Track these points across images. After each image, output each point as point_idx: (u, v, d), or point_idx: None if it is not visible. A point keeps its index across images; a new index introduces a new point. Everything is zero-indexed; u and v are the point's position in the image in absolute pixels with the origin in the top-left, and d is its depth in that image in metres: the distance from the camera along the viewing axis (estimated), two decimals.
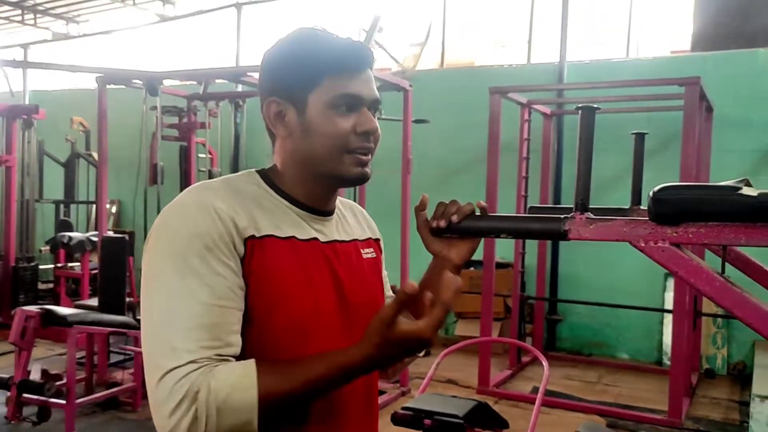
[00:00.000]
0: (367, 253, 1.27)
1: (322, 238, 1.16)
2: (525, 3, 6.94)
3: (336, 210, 1.23)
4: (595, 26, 7.37)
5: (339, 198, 1.28)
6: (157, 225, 1.05)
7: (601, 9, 7.33)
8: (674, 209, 1.23)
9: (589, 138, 1.46)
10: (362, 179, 1.14)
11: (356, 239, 1.25)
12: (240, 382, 0.95)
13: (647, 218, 1.28)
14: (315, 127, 1.09)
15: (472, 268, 6.12)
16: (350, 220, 1.28)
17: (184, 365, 0.95)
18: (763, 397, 4.04)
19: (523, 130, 5.49)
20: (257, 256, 1.05)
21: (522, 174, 5.53)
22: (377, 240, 1.34)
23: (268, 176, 1.16)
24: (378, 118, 1.17)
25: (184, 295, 0.98)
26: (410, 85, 4.87)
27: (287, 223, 1.11)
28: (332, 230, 1.20)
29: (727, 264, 1.58)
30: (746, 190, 1.19)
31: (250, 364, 0.98)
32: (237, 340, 1.02)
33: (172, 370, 0.95)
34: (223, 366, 0.97)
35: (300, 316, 1.07)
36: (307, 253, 1.12)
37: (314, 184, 1.14)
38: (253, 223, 1.06)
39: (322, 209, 1.18)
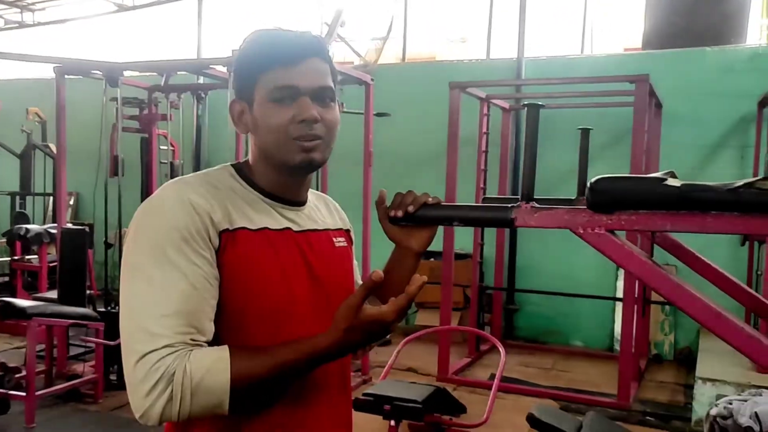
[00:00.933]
0: (339, 242, 1.32)
1: (294, 228, 1.22)
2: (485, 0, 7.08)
3: (309, 201, 1.29)
4: (552, 23, 7.56)
5: (312, 190, 1.34)
6: (137, 218, 1.11)
7: (558, 7, 7.51)
8: (608, 198, 1.34)
9: (534, 133, 1.57)
10: (309, 165, 1.18)
11: (328, 229, 1.31)
12: (214, 366, 1.02)
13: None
14: (260, 121, 1.16)
15: (432, 259, 6.25)
16: (323, 210, 1.34)
17: (160, 349, 1.01)
18: (706, 380, 4.25)
19: (482, 124, 5.62)
20: (231, 248, 1.11)
21: (481, 167, 5.67)
22: (348, 230, 1.40)
23: (241, 170, 1.22)
24: (341, 111, 1.25)
25: (161, 284, 1.04)
26: (372, 79, 4.95)
27: (260, 214, 1.18)
28: (305, 220, 1.25)
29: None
30: (671, 181, 1.31)
31: (224, 350, 1.05)
32: (210, 327, 1.09)
33: (148, 353, 1.01)
34: (198, 350, 1.04)
35: (274, 304, 1.14)
36: (281, 243, 1.18)
37: (278, 174, 1.20)
38: (227, 216, 1.12)
39: (293, 199, 1.24)
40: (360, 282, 1.45)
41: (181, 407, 1.01)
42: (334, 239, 1.31)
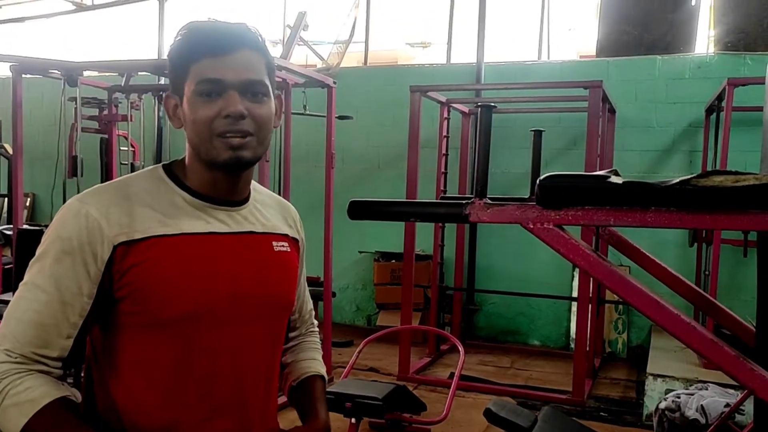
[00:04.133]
0: (279, 246, 1.26)
1: (222, 229, 1.17)
2: (445, 5, 7.20)
3: (255, 201, 1.25)
4: (510, 30, 7.73)
5: (273, 195, 1.34)
6: (50, 226, 1.13)
7: (516, 14, 7.69)
8: (556, 195, 1.43)
9: (487, 133, 1.65)
10: (236, 163, 1.13)
11: (269, 232, 1.25)
12: (23, 403, 1.02)
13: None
14: (188, 115, 1.12)
15: (393, 261, 6.33)
16: (271, 213, 1.29)
17: (2, 350, 1.05)
18: (656, 376, 4.41)
19: (442, 128, 5.72)
20: (130, 258, 1.08)
21: (441, 170, 5.77)
22: (296, 240, 1.34)
23: (172, 170, 1.18)
24: (303, 114, 1.27)
25: (31, 290, 1.07)
26: (334, 82, 5.00)
27: (181, 218, 1.13)
28: (240, 221, 1.20)
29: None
30: (614, 179, 1.40)
31: (44, 394, 1.04)
32: (62, 343, 1.08)
33: None
34: (35, 378, 1.05)
35: (182, 311, 1.10)
36: (200, 247, 1.14)
37: (209, 172, 1.15)
38: (130, 226, 1.09)
39: (225, 199, 1.19)
40: (303, 291, 1.43)
41: None
42: (273, 243, 1.25)
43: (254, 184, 1.28)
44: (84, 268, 1.07)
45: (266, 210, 1.28)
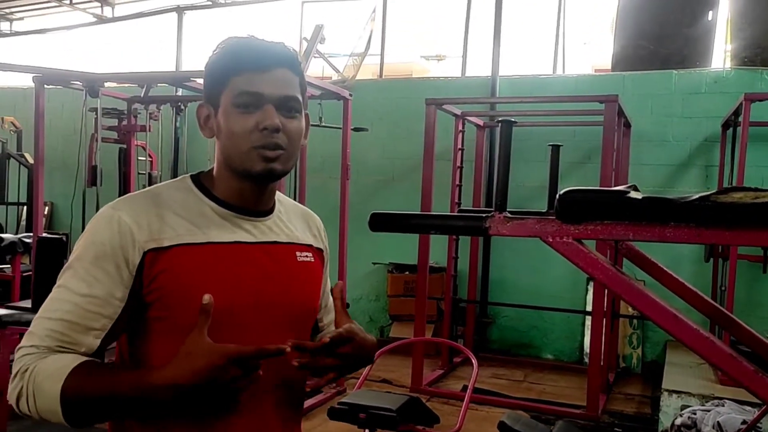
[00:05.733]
0: (303, 256, 1.29)
1: (248, 239, 1.21)
2: (461, 19, 7.24)
3: (279, 212, 1.28)
4: (526, 43, 7.75)
5: (298, 205, 1.37)
6: (85, 232, 1.17)
7: (531, 27, 7.72)
8: (576, 209, 1.44)
9: (507, 147, 1.67)
10: (270, 175, 1.17)
11: (293, 242, 1.28)
12: (55, 373, 1.03)
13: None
14: (224, 126, 1.16)
15: (406, 273, 6.34)
16: (296, 224, 1.32)
17: (29, 347, 1.08)
18: (672, 392, 4.38)
19: (457, 141, 5.75)
20: (159, 264, 1.11)
21: (456, 182, 5.79)
22: (320, 249, 1.36)
23: (200, 180, 1.23)
24: (318, 125, 1.29)
25: (62, 292, 1.10)
26: (350, 95, 5.04)
27: (209, 228, 1.17)
28: (265, 231, 1.24)
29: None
30: (633, 194, 1.42)
31: (73, 360, 1.06)
32: (90, 342, 1.10)
33: (21, 348, 1.08)
34: (55, 355, 1.07)
35: (213, 316, 1.07)
36: (226, 256, 1.17)
37: (238, 182, 1.19)
38: (159, 234, 1.12)
39: (252, 209, 1.22)
40: (328, 299, 1.43)
41: (29, 405, 1.05)
42: (297, 253, 1.28)
43: (279, 195, 1.31)
44: (117, 272, 1.10)
45: (290, 220, 1.31)
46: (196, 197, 1.20)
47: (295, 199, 4.84)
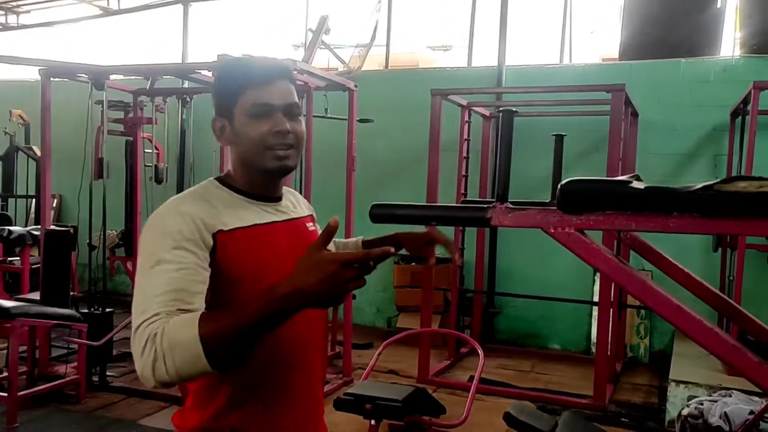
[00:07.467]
0: (311, 226, 1.57)
1: (277, 218, 1.44)
2: (466, 8, 7.20)
3: (283, 197, 1.51)
4: (532, 33, 7.70)
5: (285, 188, 1.55)
6: (145, 227, 1.31)
7: (538, 17, 7.66)
8: (577, 199, 1.43)
9: (509, 137, 1.67)
10: (284, 170, 1.40)
11: (301, 216, 1.54)
12: (186, 323, 1.13)
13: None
14: (241, 133, 1.36)
15: (413, 264, 6.34)
16: (294, 202, 1.57)
17: (149, 317, 1.16)
18: (679, 382, 4.37)
19: (463, 131, 5.73)
20: (229, 245, 1.30)
21: (462, 173, 5.77)
22: (313, 216, 1.63)
23: (224, 180, 1.43)
24: (324, 117, 1.39)
25: (156, 274, 1.22)
26: (355, 86, 5.03)
27: (248, 213, 1.38)
28: (283, 211, 1.48)
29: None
30: (636, 184, 1.40)
31: (200, 310, 1.19)
32: (198, 301, 1.22)
33: (140, 323, 1.16)
34: (177, 316, 1.17)
35: (272, 284, 1.22)
36: (270, 234, 1.39)
37: (256, 177, 1.40)
38: (219, 220, 1.31)
39: (271, 196, 1.45)
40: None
41: (167, 364, 1.11)
42: (307, 224, 1.55)
43: (292, 192, 1.59)
44: (197, 250, 1.25)
45: (291, 200, 1.56)
46: (227, 192, 1.40)
47: (301, 192, 4.86)
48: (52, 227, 5.10)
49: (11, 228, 6.27)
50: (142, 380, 1.15)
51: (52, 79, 4.90)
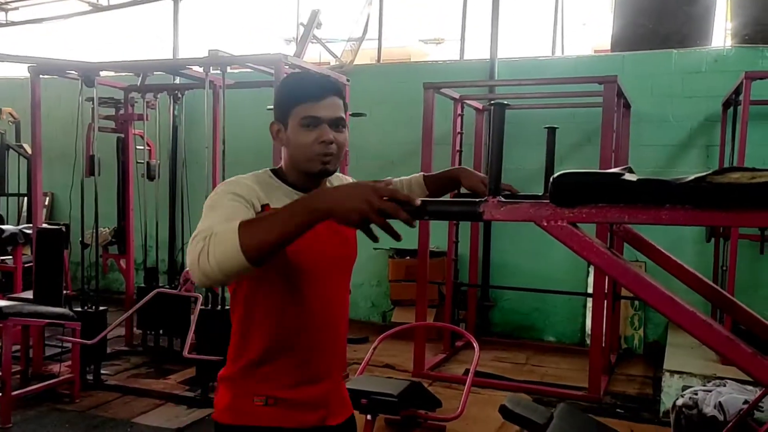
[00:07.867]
0: None
1: None
2: (458, 1, 7.18)
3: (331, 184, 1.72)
4: (524, 25, 7.68)
5: (340, 177, 1.81)
6: (213, 192, 1.56)
7: (529, 9, 7.65)
8: (570, 192, 1.42)
9: (500, 130, 1.65)
10: (324, 173, 1.63)
11: None
12: (229, 225, 1.34)
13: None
14: (292, 139, 1.60)
15: (407, 257, 6.34)
16: None
17: (206, 229, 1.38)
18: (673, 372, 4.39)
19: (455, 124, 5.72)
20: None
21: (455, 166, 5.76)
22: None
23: (277, 172, 1.67)
24: None
25: (216, 211, 1.47)
26: (348, 80, 5.01)
27: (288, 201, 1.52)
28: None
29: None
30: (628, 176, 1.40)
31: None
32: None
33: (197, 234, 1.38)
34: None
35: (303, 265, 1.58)
36: None
37: (303, 176, 1.64)
38: (269, 197, 1.57)
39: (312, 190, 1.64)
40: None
41: (209, 254, 1.31)
42: None
43: (338, 176, 1.80)
44: (248, 208, 1.51)
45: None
46: (278, 182, 1.64)
47: None
48: (44, 225, 5.07)
49: (3, 227, 6.23)
50: (191, 275, 1.37)
51: (41, 76, 4.86)
